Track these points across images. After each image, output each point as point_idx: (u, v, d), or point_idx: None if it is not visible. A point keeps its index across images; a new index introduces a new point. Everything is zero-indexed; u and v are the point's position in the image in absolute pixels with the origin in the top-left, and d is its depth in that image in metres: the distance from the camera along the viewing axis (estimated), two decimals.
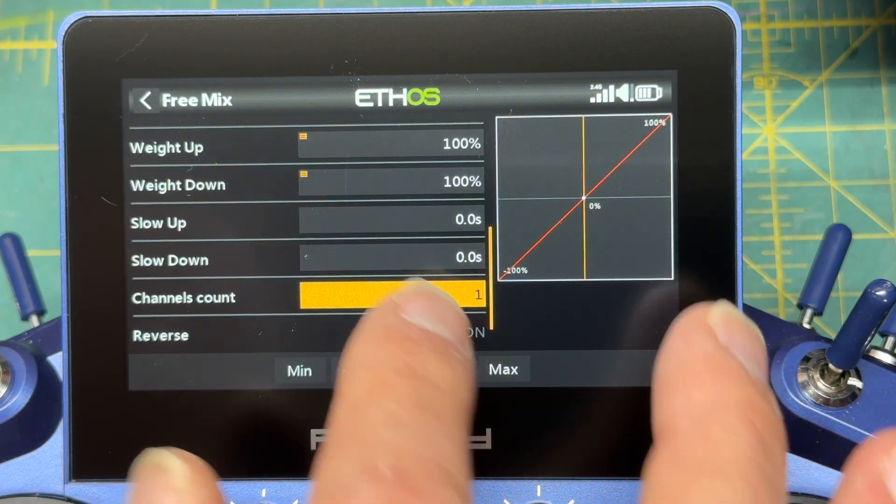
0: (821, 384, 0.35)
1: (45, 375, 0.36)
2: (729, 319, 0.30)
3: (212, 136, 0.35)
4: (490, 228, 0.35)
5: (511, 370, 0.35)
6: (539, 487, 0.35)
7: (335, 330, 0.35)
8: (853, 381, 0.35)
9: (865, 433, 0.35)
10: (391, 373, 0.28)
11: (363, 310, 0.35)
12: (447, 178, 0.35)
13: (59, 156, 0.35)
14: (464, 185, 0.35)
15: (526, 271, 0.35)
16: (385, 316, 0.30)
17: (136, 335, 0.35)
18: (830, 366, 0.35)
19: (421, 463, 0.27)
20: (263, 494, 0.35)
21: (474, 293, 0.35)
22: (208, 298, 0.35)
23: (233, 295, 0.35)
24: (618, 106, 0.35)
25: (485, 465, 0.35)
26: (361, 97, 0.35)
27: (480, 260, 0.35)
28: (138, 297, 0.35)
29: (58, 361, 0.36)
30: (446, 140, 0.35)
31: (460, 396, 0.29)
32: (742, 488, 0.26)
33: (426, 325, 0.30)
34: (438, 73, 0.35)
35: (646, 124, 0.35)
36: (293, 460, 0.35)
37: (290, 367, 0.35)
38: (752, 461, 0.27)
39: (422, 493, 0.26)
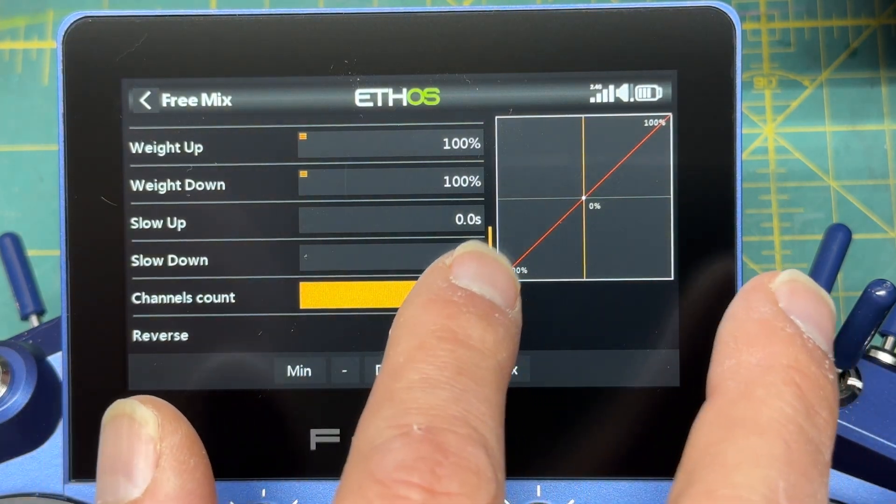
0: None
1: (45, 375, 0.36)
2: (793, 284, 0.30)
3: (211, 135, 0.35)
4: (490, 228, 0.35)
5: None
6: (539, 487, 0.35)
7: (335, 330, 0.35)
8: (853, 381, 0.35)
9: (865, 433, 0.35)
10: (431, 338, 0.29)
11: (363, 310, 0.35)
12: (447, 177, 0.35)
13: (59, 156, 0.35)
14: (464, 185, 0.35)
15: (526, 271, 0.35)
16: (433, 279, 0.30)
17: (136, 335, 0.35)
18: None
19: (452, 422, 0.27)
20: (263, 494, 0.35)
21: None
22: (208, 298, 0.35)
23: (233, 295, 0.35)
24: (618, 106, 0.35)
25: None
26: (361, 97, 0.35)
27: None
28: (138, 297, 0.35)
29: (58, 361, 0.36)
30: (446, 140, 0.35)
31: (500, 359, 0.29)
32: (777, 445, 0.27)
33: (473, 288, 0.30)
34: (438, 73, 0.35)
35: (646, 124, 0.35)
36: (293, 460, 0.35)
37: (289, 367, 0.35)
38: (791, 421, 0.27)
39: (450, 451, 0.27)
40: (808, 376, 0.28)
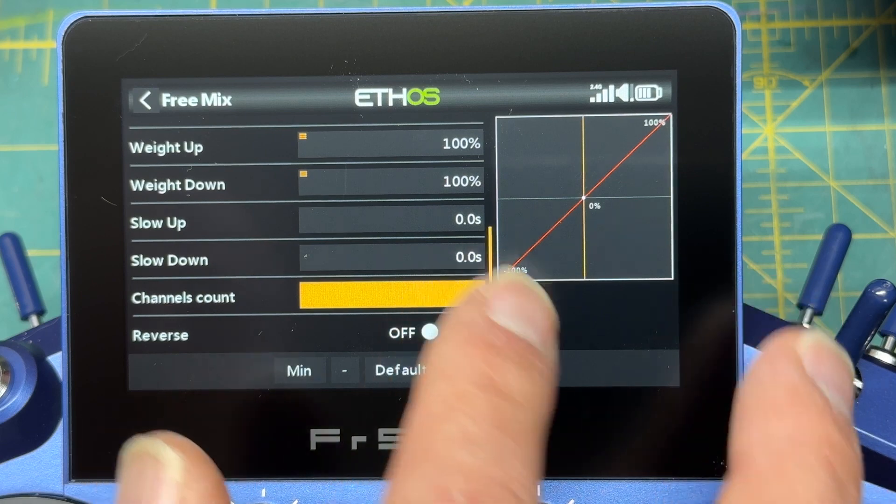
0: None
1: (45, 375, 0.36)
2: (819, 348, 0.29)
3: (211, 135, 0.35)
4: (490, 228, 0.35)
5: None
6: (539, 487, 0.35)
7: (335, 330, 0.35)
8: (853, 381, 0.35)
9: (866, 433, 0.35)
10: (470, 385, 0.28)
11: (363, 310, 0.35)
12: (447, 177, 0.35)
13: (59, 156, 0.35)
14: (464, 185, 0.35)
15: (526, 271, 0.35)
16: (471, 315, 0.29)
17: (136, 335, 0.35)
18: None
19: (492, 487, 0.26)
20: (263, 494, 0.35)
21: None
22: (208, 298, 0.35)
23: (232, 295, 0.35)
24: (618, 106, 0.35)
25: None
26: (361, 97, 0.35)
27: (480, 260, 0.35)
28: (138, 297, 0.35)
29: (58, 361, 0.36)
30: (446, 140, 0.35)
31: (538, 412, 0.28)
32: None
33: (511, 326, 0.29)
34: (438, 73, 0.35)
35: (645, 124, 0.35)
36: (293, 460, 0.35)
37: (289, 366, 0.35)
38: (826, 501, 0.26)
39: None
40: (839, 452, 0.27)
